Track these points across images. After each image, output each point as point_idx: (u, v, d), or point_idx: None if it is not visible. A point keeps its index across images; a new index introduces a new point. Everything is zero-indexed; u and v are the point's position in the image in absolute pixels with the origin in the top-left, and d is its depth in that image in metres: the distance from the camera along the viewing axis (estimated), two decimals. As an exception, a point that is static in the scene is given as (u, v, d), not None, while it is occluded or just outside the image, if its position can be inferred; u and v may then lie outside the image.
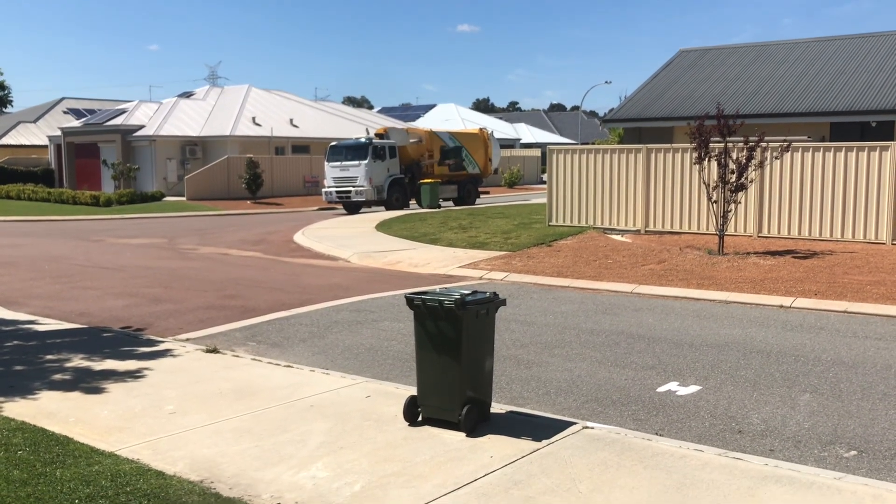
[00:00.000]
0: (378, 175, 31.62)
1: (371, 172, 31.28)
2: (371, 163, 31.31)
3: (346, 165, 31.74)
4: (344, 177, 31.75)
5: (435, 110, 77.58)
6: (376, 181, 31.50)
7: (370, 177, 31.22)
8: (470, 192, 35.95)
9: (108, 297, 12.96)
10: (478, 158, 36.31)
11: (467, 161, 35.70)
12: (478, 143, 36.61)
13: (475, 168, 36.30)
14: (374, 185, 31.36)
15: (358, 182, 31.34)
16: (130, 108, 47.85)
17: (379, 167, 31.69)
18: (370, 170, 31.26)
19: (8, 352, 8.99)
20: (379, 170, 31.69)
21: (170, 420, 6.51)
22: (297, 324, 10.66)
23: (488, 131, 38.16)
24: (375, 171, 31.47)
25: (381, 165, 31.79)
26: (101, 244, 21.88)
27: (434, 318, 6.17)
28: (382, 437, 6.03)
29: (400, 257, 17.01)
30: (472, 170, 36.04)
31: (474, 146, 36.30)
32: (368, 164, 31.26)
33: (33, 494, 4.83)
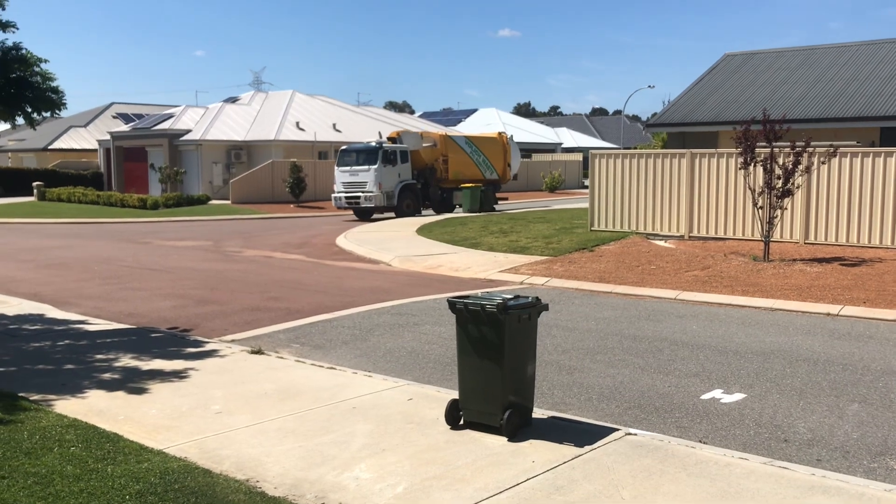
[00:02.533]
0: (388, 180, 30.38)
1: (381, 177, 30.02)
2: (381, 167, 30.06)
3: (355, 170, 30.51)
4: (353, 182, 30.53)
5: (476, 115, 77.61)
6: (386, 187, 30.23)
7: (379, 182, 29.93)
8: (487, 197, 33.75)
9: (156, 298, 13.22)
10: (496, 163, 35.09)
11: (484, 166, 34.52)
12: (496, 148, 35.37)
13: (493, 173, 35.00)
14: (383, 191, 30.06)
15: (367, 187, 30.04)
16: (177, 113, 48.73)
17: (389, 172, 30.46)
18: (380, 175, 29.99)
19: (60, 351, 9.23)
20: (389, 175, 30.45)
21: (216, 419, 6.62)
22: (339, 326, 10.77)
23: (507, 135, 36.73)
24: (385, 177, 30.23)
25: (392, 170, 30.57)
26: (148, 246, 22.31)
27: (476, 322, 6.19)
28: (424, 440, 6.07)
29: (440, 261, 17.06)
30: (489, 175, 34.73)
31: (492, 151, 35.15)
32: (378, 168, 29.99)
33: (86, 490, 4.96)
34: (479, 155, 34.43)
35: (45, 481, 5.08)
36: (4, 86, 10.44)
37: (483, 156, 34.53)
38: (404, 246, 19.72)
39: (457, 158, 33.31)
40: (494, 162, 35.00)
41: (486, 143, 35.40)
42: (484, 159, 34.51)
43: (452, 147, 33.41)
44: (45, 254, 20.10)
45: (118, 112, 61.44)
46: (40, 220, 32.34)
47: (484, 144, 35.01)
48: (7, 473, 5.18)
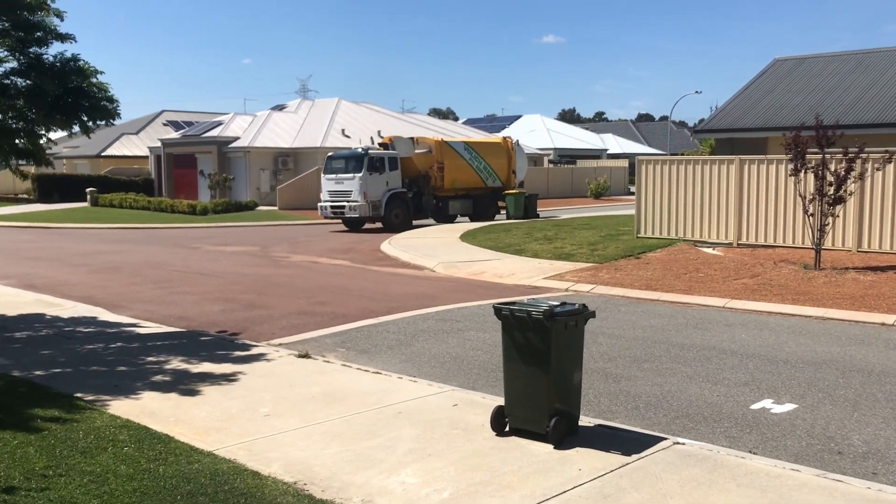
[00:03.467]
0: (375, 189, 28.50)
1: (366, 186, 28.24)
2: (366, 175, 28.24)
3: (341, 178, 28.81)
4: (339, 190, 28.87)
5: (520, 121, 77.51)
6: (372, 196, 28.37)
7: (364, 191, 28.16)
8: (487, 206, 32.51)
9: (205, 301, 13.45)
10: (499, 170, 32.89)
11: (485, 173, 32.40)
12: (499, 154, 33.22)
13: (496, 181, 32.77)
14: (369, 201, 28.28)
15: (352, 196, 28.39)
16: (226, 121, 49.55)
17: (376, 180, 28.53)
18: (365, 183, 28.21)
19: (112, 353, 9.45)
20: (376, 183, 28.54)
21: (264, 422, 6.72)
22: (384, 331, 10.83)
23: (513, 140, 34.48)
24: (371, 185, 28.38)
25: (379, 178, 28.61)
26: (197, 251, 22.71)
27: (522, 328, 6.19)
28: (470, 446, 6.07)
29: (484, 268, 17.06)
30: (491, 182, 32.60)
31: (495, 157, 32.95)
32: (363, 176, 28.19)
33: (139, 489, 5.07)
34: (480, 161, 32.36)
35: (100, 480, 5.20)
36: (62, 95, 10.74)
37: (484, 162, 32.49)
38: (448, 252, 19.76)
39: (454, 165, 31.27)
40: (497, 169, 32.92)
41: (488, 148, 33.47)
42: (485, 166, 32.43)
43: (449, 153, 31.36)
44: (97, 258, 20.59)
45: (168, 119, 62.71)
46: (93, 226, 33.12)
47: (485, 150, 33.02)
48: (64, 471, 5.32)
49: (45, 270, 17.92)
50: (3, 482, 5.11)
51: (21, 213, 39.70)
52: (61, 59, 10.98)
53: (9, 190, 54.23)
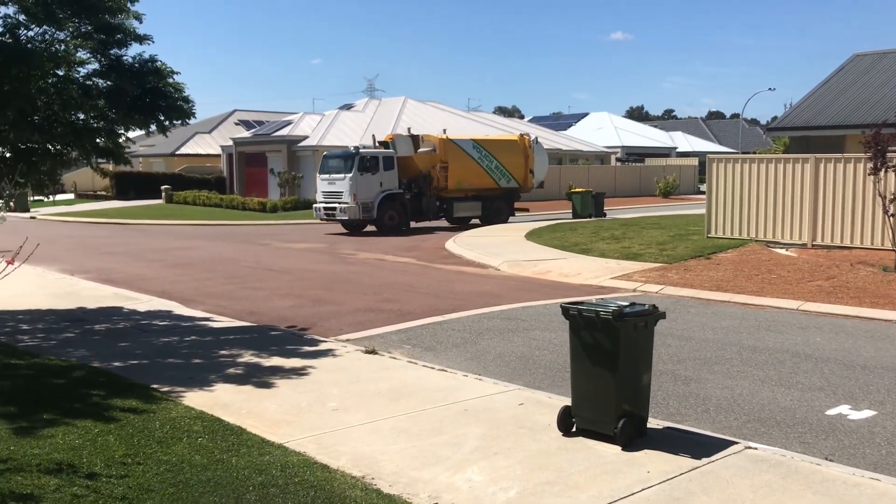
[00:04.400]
0: (366, 190, 27.09)
1: (356, 187, 26.85)
2: (357, 176, 26.84)
3: (333, 178, 27.48)
4: (331, 191, 27.62)
5: (587, 119, 76.76)
6: (363, 197, 26.96)
7: (354, 192, 26.80)
8: (500, 209, 30.42)
9: (275, 297, 13.72)
10: (513, 170, 30.66)
11: (497, 173, 30.24)
12: (515, 153, 30.94)
13: (510, 181, 30.63)
14: (359, 202, 26.90)
15: (343, 198, 27.15)
16: (295, 120, 50.40)
17: (368, 181, 27.10)
18: (355, 184, 26.83)
19: (187, 346, 9.72)
20: (367, 184, 27.11)
21: (332, 416, 6.82)
22: (449, 329, 10.87)
23: (530, 138, 32.03)
24: (362, 186, 26.97)
25: (371, 179, 27.16)
26: (267, 248, 23.17)
27: (590, 328, 6.14)
28: (536, 446, 6.05)
29: (550, 267, 16.96)
30: (505, 183, 30.47)
31: (509, 156, 30.77)
32: (354, 177, 26.81)
33: (213, 479, 5.21)
34: (491, 160, 30.20)
35: (176, 469, 5.37)
36: (141, 96, 11.09)
37: (496, 161, 30.28)
38: (513, 251, 19.70)
39: (460, 165, 29.22)
40: (512, 168, 30.67)
41: (502, 147, 31.17)
42: (497, 165, 30.21)
43: (454, 152, 29.27)
44: (172, 254, 21.20)
45: (240, 119, 64.11)
46: (167, 222, 34.10)
47: (498, 149, 30.75)
48: (142, 460, 5.50)
49: (123, 265, 18.53)
50: (85, 468, 5.31)
51: (99, 210, 41.14)
52: (140, 61, 11.34)
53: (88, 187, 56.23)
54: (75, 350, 9.28)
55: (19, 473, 5.17)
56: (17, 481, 5.05)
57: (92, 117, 11.22)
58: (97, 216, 37.14)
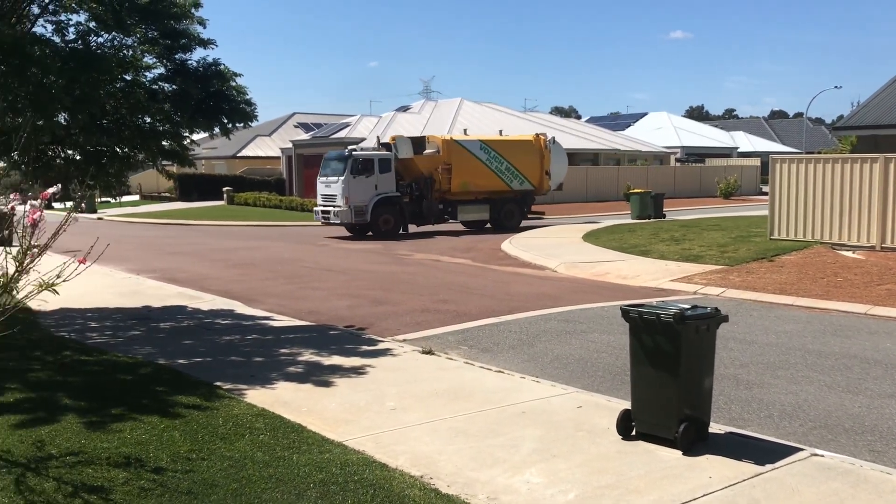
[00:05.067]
0: (360, 193, 26.37)
1: (349, 190, 26.22)
2: (349, 178, 26.20)
3: (329, 181, 27.07)
4: (327, 194, 27.23)
5: (645, 119, 75.78)
6: (356, 200, 26.29)
7: (347, 195, 26.24)
8: (511, 213, 29.07)
9: (333, 297, 13.88)
10: (527, 171, 29.35)
11: (509, 175, 29.03)
12: (529, 154, 29.59)
13: (524, 183, 29.33)
14: (351, 206, 26.27)
15: (336, 201, 26.73)
16: (353, 122, 50.92)
17: (361, 184, 26.40)
18: (347, 187, 26.21)
19: (249, 344, 9.90)
20: (361, 187, 26.39)
21: (391, 416, 6.87)
22: (506, 330, 10.85)
23: (546, 138, 30.51)
24: (355, 189, 26.29)
25: (366, 182, 26.44)
26: (325, 248, 23.46)
27: (651, 331, 6.06)
28: (595, 449, 6.00)
29: (608, 268, 16.79)
30: (518, 185, 29.22)
31: (522, 157, 29.45)
32: (346, 180, 26.22)
33: (274, 476, 5.30)
34: (501, 162, 28.98)
35: (239, 465, 5.47)
36: (205, 99, 11.35)
37: (507, 163, 29.05)
38: (570, 252, 19.57)
39: (464, 167, 28.17)
40: (525, 170, 29.37)
41: (514, 147, 29.79)
42: (508, 167, 28.98)
43: (459, 153, 28.21)
44: (233, 254, 21.62)
45: (299, 122, 65.05)
46: (229, 223, 34.78)
47: (510, 150, 29.45)
48: (206, 455, 5.63)
49: (186, 265, 18.97)
50: (152, 463, 5.46)
51: (164, 211, 42.21)
52: (204, 65, 11.60)
53: (153, 189, 57.68)
54: (141, 347, 9.54)
55: (90, 466, 5.34)
56: (88, 474, 5.22)
57: (158, 120, 11.52)
58: (161, 217, 38.10)
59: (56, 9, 10.66)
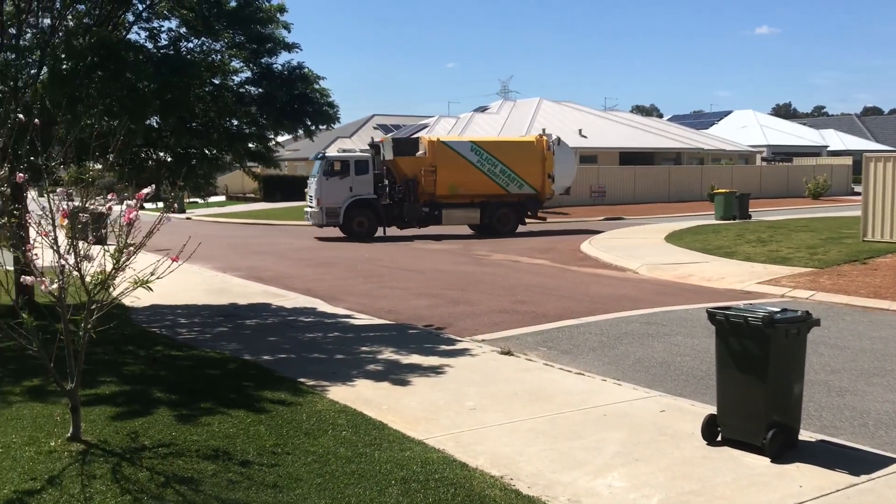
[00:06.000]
0: (332, 195, 26.00)
1: (321, 192, 26.01)
2: (322, 180, 26.02)
3: (310, 183, 27.18)
4: (310, 195, 27.24)
5: (730, 117, 73.84)
6: (329, 202, 25.95)
7: (319, 197, 26.09)
8: (505, 217, 27.77)
9: (412, 296, 14.00)
10: (528, 175, 27.90)
11: (504, 178, 27.71)
12: (528, 156, 28.14)
13: (523, 187, 27.92)
14: (323, 207, 26.08)
15: (312, 202, 26.77)
16: (431, 123, 51.29)
17: (334, 186, 26.01)
18: (320, 188, 26.05)
19: (330, 342, 10.08)
20: (334, 189, 25.99)
21: (470, 415, 6.88)
22: (586, 332, 10.73)
23: (550, 139, 28.90)
24: (328, 191, 25.96)
25: (340, 184, 26.04)
26: (404, 248, 23.67)
27: (738, 335, 5.90)
28: (679, 453, 5.88)
29: (691, 270, 16.42)
30: (516, 189, 27.86)
31: (521, 159, 28.07)
32: (319, 181, 26.14)
33: (357, 472, 5.38)
34: (495, 164, 27.68)
35: (322, 460, 5.57)
36: (289, 101, 11.61)
37: (502, 165, 27.71)
38: (652, 253, 19.22)
39: (452, 169, 27.11)
40: (525, 173, 27.93)
41: (511, 149, 28.58)
42: (503, 169, 27.65)
43: (446, 155, 27.18)
44: (315, 253, 22.04)
45: (378, 123, 65.80)
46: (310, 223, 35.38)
47: (506, 152, 28.15)
48: (291, 450, 5.76)
49: (270, 263, 19.44)
50: (239, 456, 5.61)
51: (249, 211, 43.35)
52: (288, 68, 11.88)
53: (238, 190, 59.30)
54: (228, 343, 9.82)
55: (181, 458, 5.53)
56: (179, 465, 5.40)
57: (244, 123, 11.86)
58: (246, 217, 39.12)
59: (149, 16, 11.08)
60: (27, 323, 5.49)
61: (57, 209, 5.68)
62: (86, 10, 10.71)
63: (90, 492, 4.92)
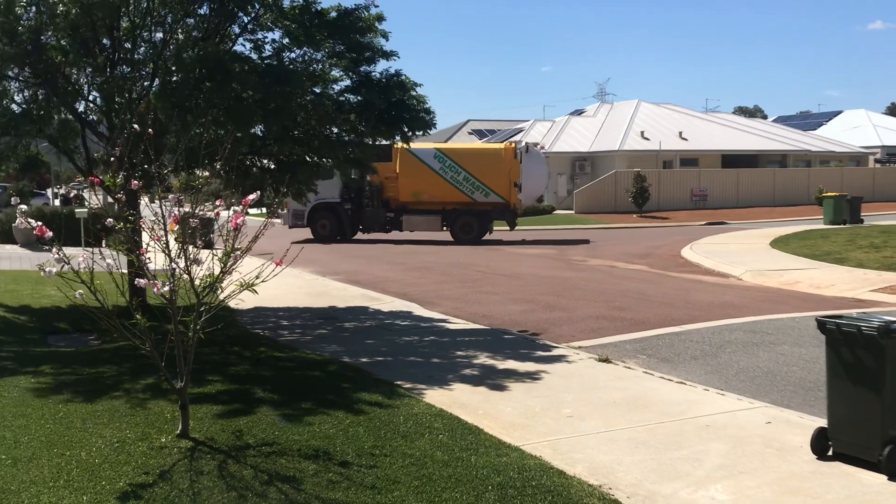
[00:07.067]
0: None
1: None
2: None
3: None
4: None
5: (840, 117, 70.64)
6: (295, 204, 25.53)
7: (286, 200, 25.34)
8: (468, 226, 27.93)
9: (507, 301, 13.96)
10: (492, 183, 27.81)
11: (469, 186, 27.82)
12: (494, 164, 27.97)
13: (487, 195, 27.94)
14: (290, 209, 26.53)
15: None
16: (526, 128, 51.16)
17: None
18: None
19: (426, 346, 10.16)
20: None
21: (567, 423, 6.81)
22: (687, 340, 10.46)
23: (519, 147, 28.95)
24: None
25: None
26: (498, 253, 23.67)
27: (851, 345, 5.63)
28: (786, 468, 5.65)
29: (798, 277, 15.79)
30: (481, 197, 27.95)
31: (486, 168, 27.86)
32: None
33: (453, 476, 5.39)
34: (458, 172, 27.59)
35: (419, 463, 5.62)
36: (387, 109, 11.80)
37: (466, 173, 27.64)
38: (756, 259, 18.59)
39: (415, 176, 27.60)
40: (490, 181, 27.83)
41: (476, 157, 28.69)
42: (467, 177, 27.66)
43: (408, 162, 27.44)
44: (411, 257, 22.29)
45: (473, 129, 66.05)
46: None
47: (472, 160, 28.18)
48: (388, 452, 5.83)
49: (367, 267, 19.78)
50: (339, 456, 5.72)
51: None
52: (386, 76, 12.07)
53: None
54: (328, 346, 10.03)
55: (283, 457, 5.68)
56: (282, 464, 5.55)
57: (344, 130, 12.12)
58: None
59: (254, 28, 11.47)
60: (141, 324, 5.75)
61: (168, 215, 5.94)
62: (195, 24, 11.18)
63: (198, 487, 5.11)
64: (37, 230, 5.46)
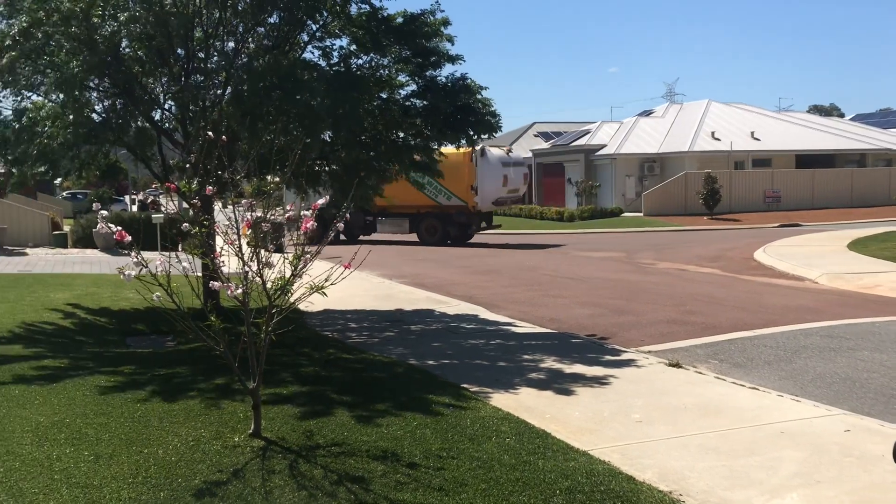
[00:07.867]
0: None
1: None
2: None
3: None
4: None
5: (923, 114, 67.77)
6: None
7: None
8: (432, 228, 29.09)
9: (574, 305, 13.85)
10: (453, 187, 28.31)
11: (433, 190, 28.58)
12: (454, 168, 26.84)
13: (449, 199, 28.97)
14: None
15: None
16: (593, 129, 50.60)
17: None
18: None
19: (492, 349, 10.15)
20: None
21: (636, 428, 6.71)
22: (760, 345, 10.20)
23: (474, 151, 28.33)
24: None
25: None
26: (565, 256, 23.49)
27: (935, 350, 5.40)
28: (867, 477, 5.46)
29: (879, 280, 15.23)
30: (445, 201, 29.02)
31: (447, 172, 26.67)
32: None
33: (521, 479, 5.37)
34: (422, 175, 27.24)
35: (486, 466, 5.62)
36: (452, 112, 11.85)
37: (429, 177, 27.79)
38: (833, 262, 18.00)
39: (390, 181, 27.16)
40: (451, 185, 28.12)
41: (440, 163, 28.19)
42: (430, 180, 27.76)
43: None
44: (477, 261, 22.31)
45: (539, 131, 65.71)
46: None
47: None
48: (455, 454, 5.84)
49: (433, 271, 19.87)
50: (406, 458, 5.76)
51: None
52: (452, 80, 12.12)
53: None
54: (395, 348, 10.12)
55: (352, 457, 5.75)
56: (351, 464, 5.62)
57: (410, 135, 12.21)
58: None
59: (322, 35, 11.66)
60: (215, 325, 5.90)
61: (241, 219, 6.08)
62: (265, 33, 11.43)
63: (270, 486, 5.21)
64: (116, 234, 5.65)
